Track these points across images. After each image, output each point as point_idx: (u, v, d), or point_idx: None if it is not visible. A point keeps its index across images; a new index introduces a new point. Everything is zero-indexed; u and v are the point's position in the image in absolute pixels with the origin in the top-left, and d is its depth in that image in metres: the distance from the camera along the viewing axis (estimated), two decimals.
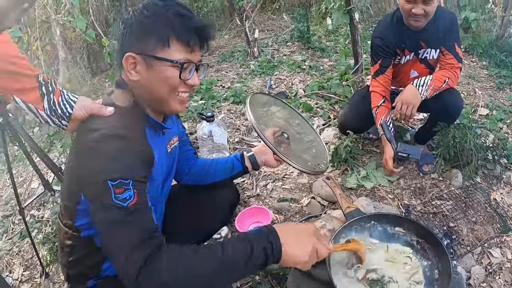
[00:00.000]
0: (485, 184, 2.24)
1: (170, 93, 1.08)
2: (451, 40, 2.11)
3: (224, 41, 5.89)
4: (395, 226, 1.52)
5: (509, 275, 1.73)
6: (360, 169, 2.31)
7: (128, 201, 0.93)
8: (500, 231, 1.92)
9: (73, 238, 1.15)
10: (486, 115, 3.08)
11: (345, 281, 1.34)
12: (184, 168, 1.53)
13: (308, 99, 3.41)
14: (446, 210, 2.02)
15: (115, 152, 0.95)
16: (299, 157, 1.45)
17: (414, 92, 2.04)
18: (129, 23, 1.06)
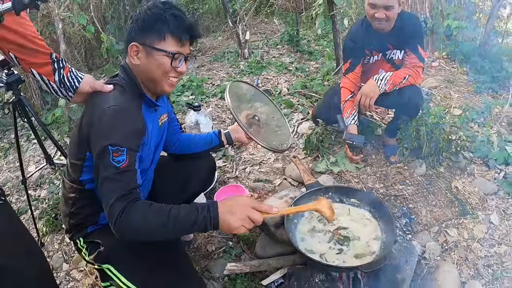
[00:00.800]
0: (448, 174, 2.51)
1: (163, 76, 1.39)
2: (414, 42, 2.39)
3: (217, 42, 6.18)
4: (349, 198, 1.81)
5: (464, 252, 1.99)
6: (330, 156, 2.61)
7: (121, 163, 1.24)
8: (458, 214, 2.19)
9: (77, 191, 1.44)
10: (459, 115, 3.35)
11: (311, 241, 1.61)
12: (171, 140, 1.82)
13: (291, 97, 3.70)
14: (407, 194, 2.28)
15: (116, 124, 1.26)
16: (266, 137, 1.73)
17: (373, 86, 2.34)
18: (136, 19, 1.38)
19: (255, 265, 1.80)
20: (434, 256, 1.94)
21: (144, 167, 1.48)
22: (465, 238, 2.06)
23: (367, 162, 2.64)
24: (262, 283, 1.79)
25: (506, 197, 2.33)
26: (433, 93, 3.80)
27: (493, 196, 2.35)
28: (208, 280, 1.84)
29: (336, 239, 1.67)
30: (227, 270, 1.78)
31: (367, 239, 1.67)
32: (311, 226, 1.74)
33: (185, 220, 1.20)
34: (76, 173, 1.42)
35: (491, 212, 2.22)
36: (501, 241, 2.04)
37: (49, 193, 2.64)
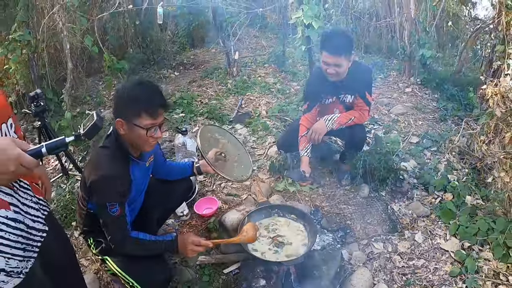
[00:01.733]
0: (389, 197, 3.21)
1: (143, 142, 1.99)
2: (363, 89, 3.10)
3: (210, 56, 6.90)
4: (290, 214, 2.66)
5: (384, 261, 2.67)
6: (289, 178, 3.37)
7: (115, 213, 1.97)
8: (387, 231, 2.89)
9: (87, 212, 2.17)
10: (416, 142, 4.02)
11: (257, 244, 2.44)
12: (157, 169, 2.52)
13: (268, 119, 4.44)
14: (347, 212, 3.01)
15: (111, 188, 1.94)
16: (229, 169, 2.47)
17: (321, 124, 3.08)
18: (118, 97, 1.99)
19: (219, 258, 2.60)
20: (359, 263, 2.63)
21: (134, 197, 2.19)
22: (388, 251, 2.73)
23: (321, 184, 3.37)
24: (223, 271, 2.57)
25: (436, 220, 2.97)
26: (399, 119, 4.46)
27: (424, 218, 2.99)
28: (185, 267, 2.59)
29: (274, 243, 2.45)
30: (199, 261, 2.58)
31: (297, 245, 2.44)
32: (258, 233, 2.48)
33: (158, 252, 2.16)
34: (84, 201, 2.14)
35: (418, 232, 2.86)
36: (420, 256, 2.68)
37: (57, 195, 3.37)
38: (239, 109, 4.69)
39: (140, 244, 2.07)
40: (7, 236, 1.29)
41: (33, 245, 1.45)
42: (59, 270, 1.75)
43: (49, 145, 1.25)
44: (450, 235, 2.81)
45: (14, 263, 1.33)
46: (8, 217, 1.29)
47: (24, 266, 1.38)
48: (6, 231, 1.29)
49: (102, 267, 2.68)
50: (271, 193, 3.25)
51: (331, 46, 2.86)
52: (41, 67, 4.72)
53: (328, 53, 2.88)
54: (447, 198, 3.14)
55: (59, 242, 1.80)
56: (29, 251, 1.41)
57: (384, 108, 4.80)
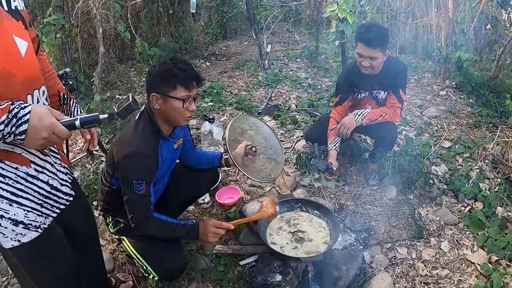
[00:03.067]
0: (417, 201, 3.05)
1: (178, 116, 1.95)
2: (397, 86, 2.95)
3: (242, 48, 6.83)
4: (313, 209, 2.52)
5: (407, 268, 2.52)
6: (315, 173, 3.23)
7: (141, 191, 1.92)
8: (412, 237, 2.73)
9: (110, 188, 2.14)
10: (448, 147, 3.84)
11: (277, 237, 2.34)
12: (185, 155, 2.46)
13: (297, 113, 4.32)
14: (373, 213, 2.86)
15: (138, 166, 1.91)
16: (257, 167, 2.36)
17: (351, 119, 2.94)
18: (151, 74, 1.96)
19: (237, 249, 2.50)
20: (380, 267, 2.49)
21: (159, 177, 2.14)
22: (412, 258, 2.58)
23: (347, 182, 3.24)
24: (239, 263, 2.49)
25: (464, 229, 2.80)
26: (431, 122, 4.28)
27: (452, 226, 2.83)
28: (201, 255, 2.52)
29: (294, 238, 2.33)
30: (215, 249, 2.49)
31: (318, 242, 2.31)
32: (279, 226, 2.40)
33: (179, 235, 2.08)
34: (109, 177, 2.10)
35: (444, 240, 2.71)
36: (445, 266, 2.52)
37: (81, 174, 3.37)
38: (268, 101, 4.59)
39: (162, 226, 2.02)
40: (26, 190, 1.40)
41: (54, 205, 1.54)
42: (81, 237, 1.82)
43: (83, 119, 1.31)
44: (478, 247, 2.65)
45: (33, 216, 1.44)
46: (28, 174, 1.40)
47: (42, 222, 1.48)
48: (25, 185, 1.40)
49: (118, 248, 2.65)
50: (295, 187, 3.14)
51: (367, 38, 2.74)
52: (74, 51, 4.78)
53: (364, 44, 2.76)
54: (477, 208, 2.97)
55: (82, 210, 1.86)
56: (48, 209, 1.51)
57: (416, 110, 4.62)
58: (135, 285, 2.39)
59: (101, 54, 4.10)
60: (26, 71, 1.34)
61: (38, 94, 1.41)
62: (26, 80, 1.33)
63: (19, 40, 1.33)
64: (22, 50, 1.33)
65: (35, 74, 1.40)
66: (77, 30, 4.74)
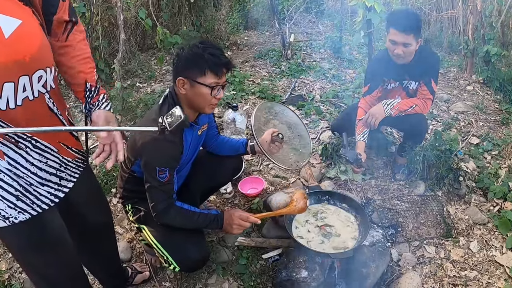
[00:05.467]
0: (445, 198, 2.90)
1: (205, 103, 1.83)
2: (429, 76, 2.77)
3: (264, 38, 6.67)
4: (341, 203, 2.38)
5: (435, 268, 2.39)
6: (341, 165, 3.10)
7: (164, 179, 1.83)
8: (441, 235, 2.59)
9: (130, 175, 2.05)
10: (476, 144, 3.66)
11: (303, 231, 2.22)
12: (209, 142, 2.35)
13: (321, 104, 4.17)
14: (400, 209, 2.72)
15: (163, 153, 1.81)
16: (284, 154, 2.22)
17: (379, 108, 2.78)
18: (180, 57, 1.81)
19: (260, 242, 2.38)
20: (408, 265, 2.36)
21: (183, 164, 2.03)
22: (440, 257, 2.45)
23: (374, 175, 3.09)
24: (262, 257, 2.38)
25: (493, 230, 2.66)
26: (459, 118, 4.09)
27: (480, 226, 2.68)
28: (222, 247, 2.42)
29: (322, 232, 2.20)
30: (238, 242, 2.37)
31: (345, 237, 2.18)
32: (306, 219, 2.27)
33: (202, 225, 1.99)
34: (130, 163, 2.00)
35: (473, 240, 2.57)
36: (473, 267, 2.39)
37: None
38: (292, 91, 4.45)
39: (184, 215, 1.93)
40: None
41: (35, 203, 1.43)
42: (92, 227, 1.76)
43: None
44: (507, 249, 2.51)
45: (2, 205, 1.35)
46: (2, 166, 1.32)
47: (14, 215, 1.38)
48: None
49: (136, 237, 2.55)
50: (320, 179, 3.01)
51: (401, 23, 2.57)
52: (94, 39, 4.66)
53: (397, 30, 2.59)
54: (506, 208, 2.81)
55: (94, 198, 1.78)
56: (28, 205, 1.40)
57: (443, 104, 4.43)
58: (152, 275, 2.30)
59: (122, 41, 3.98)
60: (10, 55, 1.18)
61: (29, 80, 1.25)
62: (11, 65, 1.18)
63: (4, 18, 1.17)
64: (5, 30, 1.16)
65: (26, 58, 1.22)
66: (98, 18, 4.64)
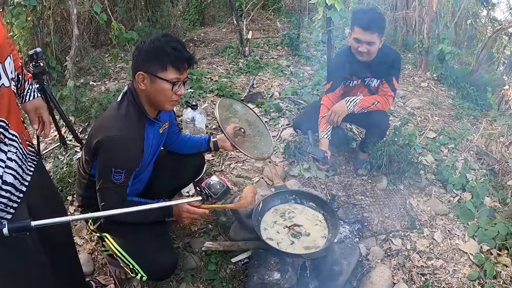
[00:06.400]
0: (407, 192, 2.98)
1: (165, 99, 1.78)
2: (390, 74, 2.85)
3: (221, 35, 6.62)
4: (308, 201, 2.36)
5: (403, 259, 2.45)
6: (304, 163, 3.11)
7: (118, 181, 1.74)
8: (406, 227, 2.66)
9: (89, 180, 1.92)
10: (433, 138, 3.81)
11: (272, 232, 2.18)
12: (170, 140, 2.27)
13: (281, 101, 4.18)
14: (365, 204, 2.77)
15: (120, 152, 1.72)
16: (249, 147, 2.18)
17: (342, 106, 2.83)
18: (140, 50, 1.75)
19: (227, 245, 2.33)
20: (376, 259, 2.41)
21: (144, 164, 1.96)
22: (407, 249, 2.52)
23: (337, 172, 3.13)
24: (231, 260, 2.32)
25: (455, 219, 2.78)
26: (415, 113, 4.24)
27: (442, 216, 2.79)
28: (189, 253, 2.34)
29: (291, 233, 2.18)
30: (205, 247, 2.31)
31: (315, 236, 2.17)
32: (274, 220, 2.25)
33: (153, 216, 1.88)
34: (88, 167, 1.90)
35: (437, 230, 2.67)
36: (439, 256, 2.48)
37: (54, 166, 3.10)
38: (250, 89, 4.43)
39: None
40: None
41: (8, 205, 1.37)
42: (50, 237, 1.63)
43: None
44: (469, 237, 2.63)
45: None
46: None
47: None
48: None
49: (97, 247, 2.42)
50: (284, 178, 2.99)
51: (365, 22, 2.63)
52: (45, 34, 4.43)
53: (362, 28, 2.65)
54: (465, 198, 2.95)
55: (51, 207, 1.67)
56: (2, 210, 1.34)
57: (400, 100, 4.56)
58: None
59: (75, 37, 3.80)
60: None
61: (2, 67, 1.28)
62: None
63: None
64: None
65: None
66: (50, 12, 4.42)
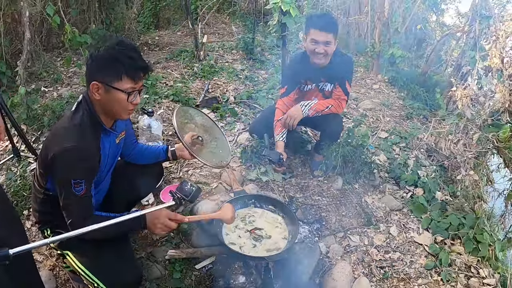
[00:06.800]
0: (362, 190, 3.10)
1: (121, 109, 1.76)
2: (343, 79, 2.96)
3: (176, 38, 6.59)
4: (268, 205, 2.44)
5: (362, 254, 2.55)
6: (261, 167, 3.17)
7: (80, 192, 1.69)
8: (363, 224, 2.77)
9: (45, 194, 1.86)
10: (385, 138, 3.97)
11: (234, 237, 2.21)
12: (127, 151, 2.24)
13: (236, 105, 4.23)
14: (322, 204, 2.86)
15: (77, 163, 1.67)
16: (207, 155, 2.21)
17: (297, 110, 2.91)
18: (94, 59, 1.72)
19: (191, 252, 2.33)
20: (336, 256, 2.49)
21: (101, 175, 1.92)
22: (365, 244, 2.63)
23: (293, 174, 3.21)
24: (195, 267, 2.32)
25: (408, 214, 2.93)
26: (367, 114, 4.40)
27: (397, 212, 2.94)
28: (153, 263, 2.32)
29: (253, 236, 2.22)
30: (168, 255, 2.29)
31: (276, 238, 2.23)
32: (235, 224, 2.26)
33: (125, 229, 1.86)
34: (43, 180, 1.84)
35: (392, 225, 2.80)
36: (396, 249, 2.62)
37: (7, 179, 2.97)
38: (206, 93, 4.44)
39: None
40: None
41: None
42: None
43: None
44: (423, 229, 2.80)
45: None
46: None
47: None
48: None
49: (58, 263, 2.35)
50: (242, 182, 3.03)
51: (321, 23, 2.74)
52: None
53: (318, 29, 2.74)
54: (418, 193, 3.12)
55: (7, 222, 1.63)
56: None
57: (352, 102, 4.73)
58: None
59: (27, 41, 3.65)
60: None
61: None
62: None
63: None
64: None
65: None
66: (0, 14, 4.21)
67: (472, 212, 2.85)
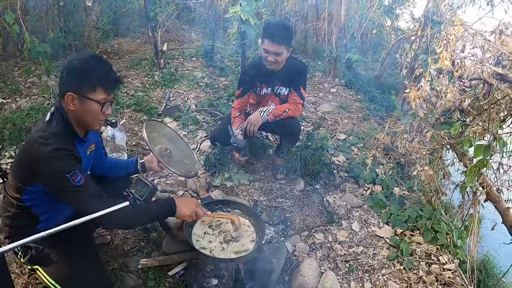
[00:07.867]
0: (323, 190, 3.28)
1: (94, 119, 1.86)
2: (298, 83, 3.15)
3: (136, 46, 6.60)
4: (234, 209, 2.55)
5: (327, 251, 2.72)
6: (225, 173, 3.31)
7: (80, 181, 1.74)
8: (326, 222, 2.95)
9: (18, 207, 1.89)
10: (344, 139, 4.19)
11: (203, 242, 2.29)
12: (98, 163, 2.29)
13: (198, 113, 4.33)
14: (286, 206, 3.02)
15: (63, 158, 1.73)
16: (175, 166, 2.31)
17: (257, 116, 3.09)
18: (69, 71, 1.80)
19: (163, 260, 2.40)
20: (303, 254, 2.64)
21: None
22: (329, 241, 2.80)
23: (256, 178, 3.36)
24: (168, 274, 2.39)
25: (369, 210, 3.13)
26: (326, 117, 4.61)
27: (358, 209, 3.14)
28: (126, 273, 2.36)
29: (222, 240, 2.32)
30: (140, 264, 2.35)
31: (245, 241, 2.33)
32: (204, 230, 2.37)
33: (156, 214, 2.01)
34: (18, 193, 1.87)
35: (354, 221, 2.99)
36: (359, 243, 2.80)
37: None
38: (167, 102, 4.51)
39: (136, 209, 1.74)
40: None
41: None
42: None
43: None
44: (383, 223, 3.01)
45: None
46: None
47: None
48: None
49: (31, 280, 2.33)
50: (207, 189, 3.14)
51: (274, 35, 2.90)
52: None
53: (270, 41, 2.91)
54: (376, 190, 3.34)
55: None
56: None
57: (311, 106, 4.93)
58: None
59: None
60: None
61: None
62: None
63: None
64: None
65: None
66: None
67: (429, 204, 3.07)
